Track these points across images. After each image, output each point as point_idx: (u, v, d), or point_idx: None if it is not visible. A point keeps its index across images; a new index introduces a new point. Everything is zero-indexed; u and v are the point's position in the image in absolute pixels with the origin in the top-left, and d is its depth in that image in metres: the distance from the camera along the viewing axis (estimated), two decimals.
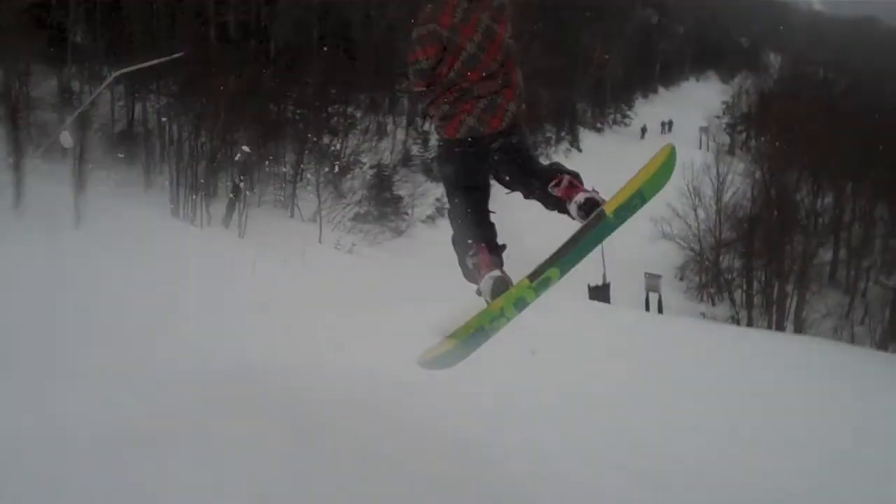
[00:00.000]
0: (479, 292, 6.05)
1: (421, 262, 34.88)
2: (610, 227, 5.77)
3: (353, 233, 35.97)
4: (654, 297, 34.89)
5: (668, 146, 6.11)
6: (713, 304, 46.27)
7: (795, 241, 47.67)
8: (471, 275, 6.16)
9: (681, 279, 47.91)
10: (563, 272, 5.83)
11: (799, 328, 43.54)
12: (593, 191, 5.89)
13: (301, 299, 18.10)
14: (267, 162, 34.92)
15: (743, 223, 48.76)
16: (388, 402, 9.56)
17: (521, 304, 5.80)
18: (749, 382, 17.38)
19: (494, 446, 9.32)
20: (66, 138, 25.34)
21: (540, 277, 5.75)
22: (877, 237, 56.27)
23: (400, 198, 40.60)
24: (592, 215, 5.67)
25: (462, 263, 6.25)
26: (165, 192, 30.40)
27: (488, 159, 6.20)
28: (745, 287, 46.92)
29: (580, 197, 5.76)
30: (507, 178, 6.27)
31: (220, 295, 16.41)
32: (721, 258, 47.90)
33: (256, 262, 21.52)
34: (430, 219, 41.94)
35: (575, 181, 5.96)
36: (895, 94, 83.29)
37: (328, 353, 12.04)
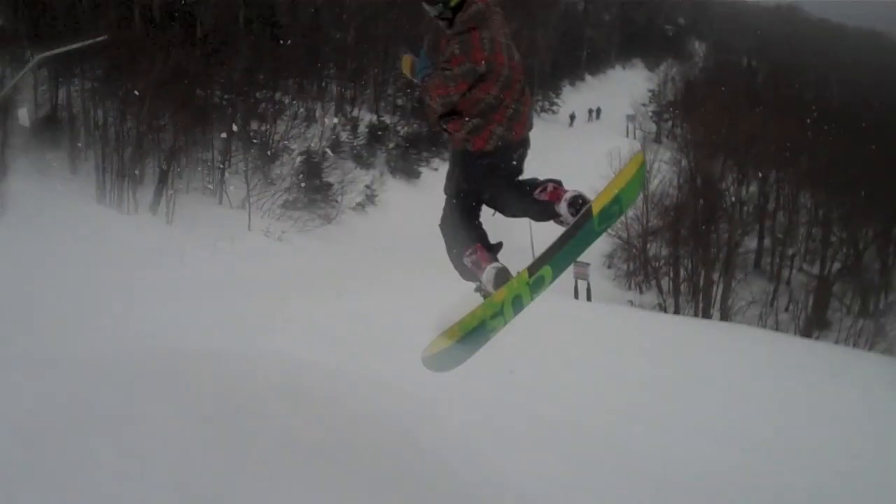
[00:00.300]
0: (478, 289, 6.32)
1: (350, 249, 34.84)
2: (594, 232, 6.05)
3: (282, 220, 35.74)
4: (582, 285, 35.08)
5: (640, 155, 6.44)
6: (641, 292, 46.64)
7: (721, 230, 48.23)
8: (469, 273, 6.38)
9: (609, 267, 48.18)
10: (555, 272, 6.09)
11: (725, 315, 44.09)
12: None
13: (230, 286, 18.04)
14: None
15: (669, 211, 49.17)
16: (315, 388, 9.54)
17: (517, 304, 6.04)
18: (686, 369, 17.63)
19: (427, 434, 9.36)
20: (24, 115, 24.79)
21: (536, 273, 6.00)
22: (801, 225, 57.13)
23: (329, 185, 40.34)
24: (582, 211, 5.94)
25: (458, 265, 6.44)
26: (91, 179, 29.95)
27: (498, 170, 6.39)
28: (671, 275, 47.34)
29: (569, 195, 6.02)
30: (498, 191, 6.45)
31: (148, 282, 16.28)
32: (648, 246, 48.26)
33: (185, 248, 21.38)
34: (360, 206, 41.81)
35: (559, 186, 6.19)
36: (818, 81, 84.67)
37: (256, 340, 12.01)
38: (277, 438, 7.67)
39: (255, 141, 38.41)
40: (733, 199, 53.38)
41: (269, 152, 38.81)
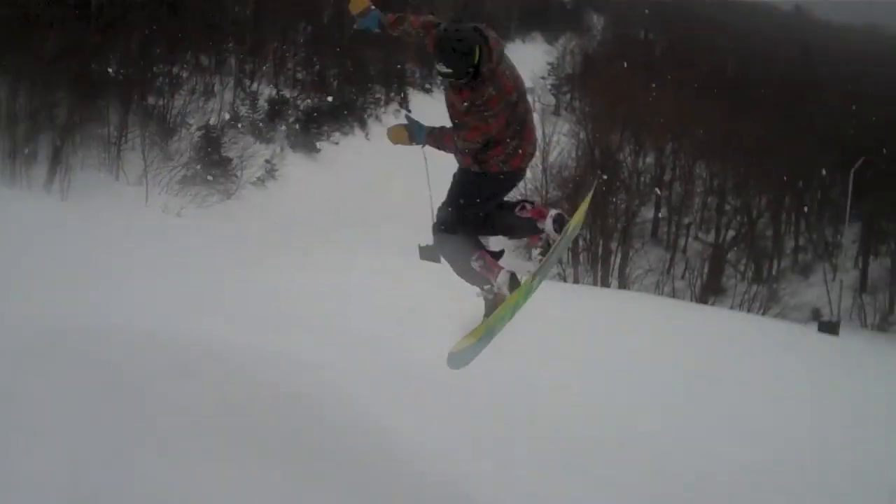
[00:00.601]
0: (483, 291, 6.89)
1: (250, 225, 34.63)
2: (561, 248, 6.96)
3: (181, 195, 35.34)
4: None
5: (596, 183, 7.19)
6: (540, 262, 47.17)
7: (619, 200, 48.96)
8: (475, 276, 6.85)
9: (509, 238, 48.58)
10: (541, 280, 6.88)
11: (623, 284, 44.87)
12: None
13: (126, 263, 17.81)
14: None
15: (568, 183, 49.70)
16: (210, 362, 9.51)
17: (516, 308, 6.71)
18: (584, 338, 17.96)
19: (325, 402, 9.45)
20: None
21: (534, 280, 6.74)
22: (696, 195, 58.25)
23: (229, 160, 39.99)
24: (564, 228, 6.67)
25: (463, 268, 6.89)
26: None
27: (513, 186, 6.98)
28: (570, 245, 47.91)
29: (553, 213, 6.73)
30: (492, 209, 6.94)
31: (40, 259, 16.03)
32: None
33: (79, 225, 21.04)
34: (260, 181, 41.53)
35: (534, 205, 6.89)
36: (713, 54, 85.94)
37: (152, 317, 11.91)
38: (170, 412, 7.68)
39: (154, 115, 37.92)
40: (630, 170, 54.28)
41: (166, 127, 38.36)
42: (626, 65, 65.57)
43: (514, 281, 6.65)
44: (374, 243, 32.10)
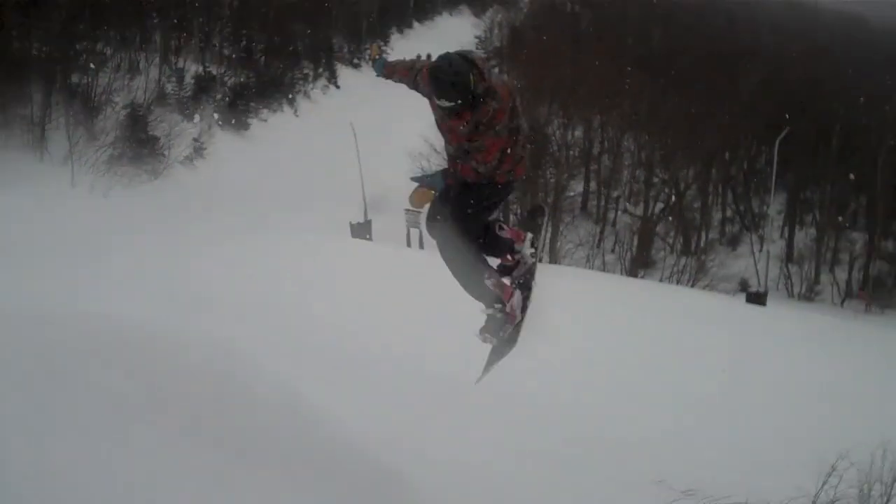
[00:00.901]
0: (493, 309, 6.97)
1: (178, 204, 34.34)
2: None
3: (108, 176, 34.84)
4: (415, 233, 35.40)
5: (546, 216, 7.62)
6: None
7: (548, 174, 49.16)
8: (486, 293, 6.96)
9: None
10: None
11: (554, 258, 45.11)
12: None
13: (53, 244, 17.66)
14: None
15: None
16: (133, 344, 9.47)
17: None
18: None
19: (246, 382, 9.49)
20: None
21: None
22: (624, 168, 58.70)
23: (156, 138, 39.48)
24: (537, 250, 7.29)
25: (474, 283, 6.96)
26: None
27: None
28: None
29: (529, 237, 7.29)
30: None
31: None
32: None
33: (1, 208, 20.79)
34: (189, 160, 41.11)
35: (511, 227, 7.31)
36: (639, 27, 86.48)
37: (77, 299, 11.84)
38: (94, 394, 7.65)
39: (76, 93, 37.34)
40: (559, 143, 54.50)
41: (91, 105, 37.78)
42: (552, 38, 65.81)
43: (524, 304, 6.97)
44: (303, 221, 32.01)
